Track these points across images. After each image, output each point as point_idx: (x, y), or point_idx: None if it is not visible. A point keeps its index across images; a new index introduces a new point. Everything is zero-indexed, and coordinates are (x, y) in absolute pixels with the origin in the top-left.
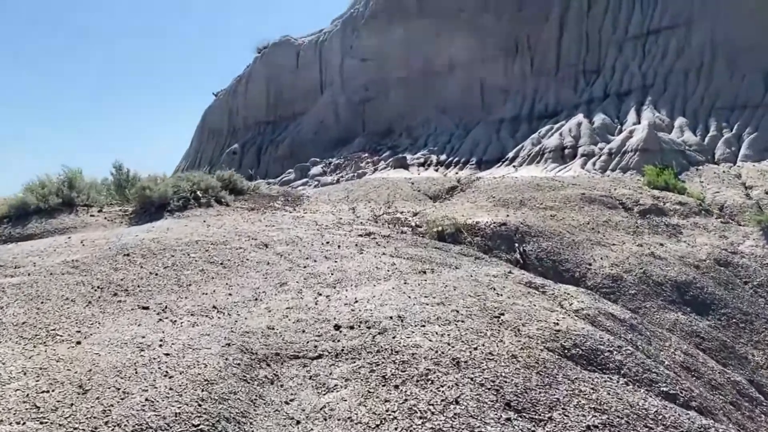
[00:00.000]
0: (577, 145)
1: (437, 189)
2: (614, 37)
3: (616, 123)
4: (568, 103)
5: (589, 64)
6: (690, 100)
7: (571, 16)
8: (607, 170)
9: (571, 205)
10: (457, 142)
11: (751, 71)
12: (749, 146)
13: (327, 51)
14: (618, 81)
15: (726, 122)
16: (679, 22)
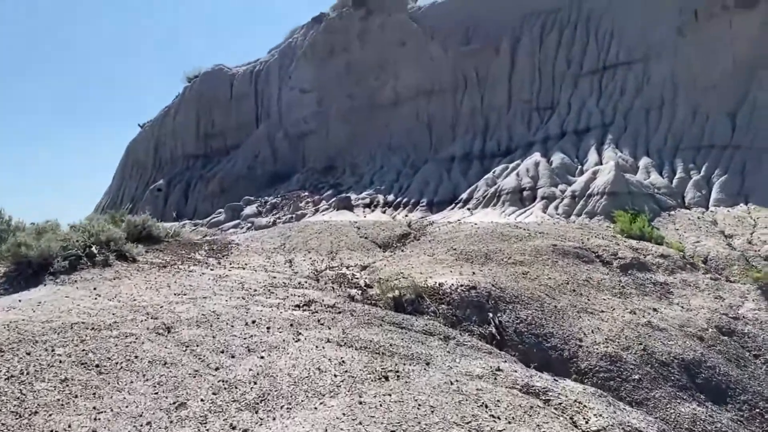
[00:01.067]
0: (536, 187)
1: (387, 235)
2: (569, 72)
3: (575, 162)
4: (522, 140)
5: (542, 100)
6: (653, 140)
7: (522, 50)
8: (571, 215)
9: (543, 260)
10: (406, 181)
11: (714, 111)
12: (720, 189)
13: (263, 81)
14: (575, 118)
15: (693, 163)
16: (637, 58)
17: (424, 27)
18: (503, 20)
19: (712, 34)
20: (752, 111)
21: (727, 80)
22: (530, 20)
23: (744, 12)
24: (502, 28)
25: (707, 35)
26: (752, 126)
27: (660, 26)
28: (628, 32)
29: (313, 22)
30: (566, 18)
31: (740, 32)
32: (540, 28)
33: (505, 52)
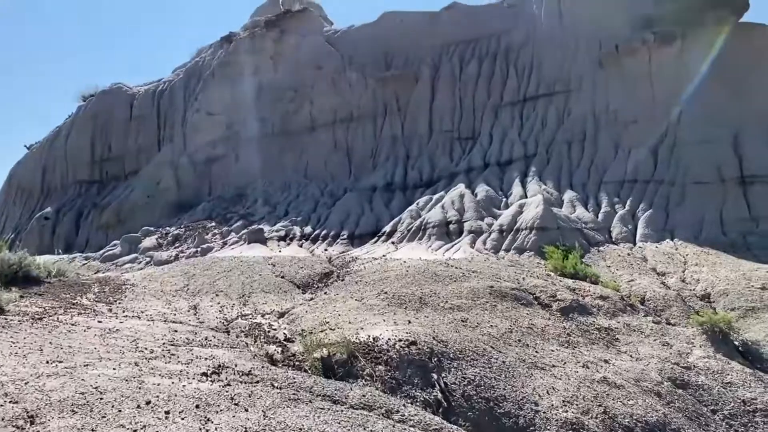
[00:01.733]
0: (463, 220)
1: (306, 274)
2: (489, 102)
3: (500, 195)
4: (445, 170)
5: (464, 130)
6: (576, 173)
7: (442, 79)
8: (500, 250)
9: (482, 303)
10: (324, 212)
11: (636, 145)
12: (646, 224)
13: (167, 102)
14: (497, 149)
15: (617, 197)
16: (558, 90)
17: (341, 51)
18: (422, 48)
19: (633, 69)
20: (673, 146)
21: (648, 115)
22: (449, 50)
23: (663, 48)
24: (422, 56)
25: (628, 70)
26: (673, 161)
27: (580, 59)
28: (548, 64)
29: (223, 41)
30: (485, 49)
31: (660, 68)
32: (459, 57)
33: (425, 81)
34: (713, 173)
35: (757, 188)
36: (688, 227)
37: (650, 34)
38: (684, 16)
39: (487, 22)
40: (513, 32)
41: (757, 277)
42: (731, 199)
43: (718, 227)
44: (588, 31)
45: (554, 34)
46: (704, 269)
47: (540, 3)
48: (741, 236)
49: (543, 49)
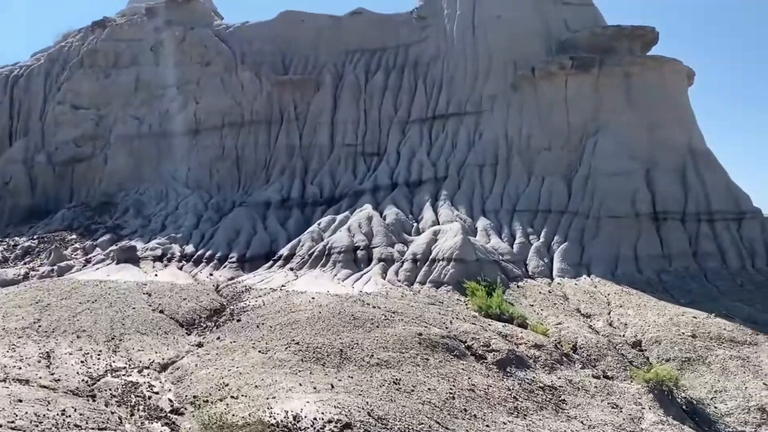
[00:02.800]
0: (371, 246)
1: (192, 309)
2: (396, 117)
3: (411, 219)
4: (348, 188)
5: (369, 145)
6: (489, 199)
7: (346, 88)
8: (414, 282)
9: (412, 357)
10: (209, 228)
11: (550, 173)
12: (562, 258)
13: (23, 90)
14: (405, 169)
15: (531, 227)
16: (469, 111)
17: (233, 48)
18: (325, 53)
19: (548, 94)
20: (587, 177)
21: (562, 143)
22: (354, 57)
23: (580, 74)
24: (324, 62)
25: (543, 94)
26: (588, 192)
27: (493, 80)
28: (459, 82)
29: (95, 26)
30: (392, 60)
31: (576, 95)
32: (364, 67)
33: (327, 88)
34: (628, 208)
35: (670, 225)
36: (604, 263)
37: (568, 59)
38: (598, 45)
39: (395, 32)
40: (422, 45)
41: (684, 323)
42: (645, 235)
43: (633, 264)
44: (502, 50)
45: (467, 50)
46: (630, 312)
47: (452, 17)
48: (656, 274)
49: (454, 65)
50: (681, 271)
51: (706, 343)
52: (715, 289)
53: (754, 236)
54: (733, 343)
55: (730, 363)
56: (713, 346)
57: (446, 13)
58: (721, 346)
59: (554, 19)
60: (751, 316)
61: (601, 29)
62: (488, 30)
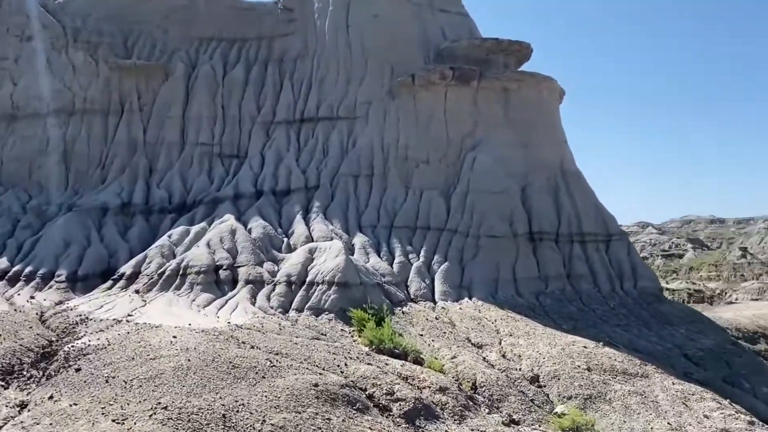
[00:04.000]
0: (236, 264)
1: (9, 350)
2: (260, 117)
3: (280, 233)
4: (203, 193)
5: (227, 145)
6: (365, 213)
7: (201, 79)
8: (290, 308)
9: (311, 418)
10: (28, 237)
11: (429, 187)
12: (444, 279)
13: None
14: (272, 175)
15: (410, 245)
16: (341, 116)
17: (63, 23)
18: (176, 38)
19: (428, 104)
20: (466, 193)
21: (441, 156)
22: (209, 46)
23: (461, 86)
24: (175, 48)
25: (423, 104)
26: (467, 210)
27: (369, 84)
28: (330, 84)
29: None
30: (254, 53)
31: (456, 107)
32: (222, 57)
33: (179, 79)
34: (506, 227)
35: (545, 246)
36: (484, 285)
37: (449, 70)
38: (475, 57)
39: (258, 23)
40: (288, 39)
41: (577, 353)
42: (522, 256)
43: (512, 286)
44: (379, 54)
45: (339, 50)
46: (521, 341)
47: (324, 12)
48: (534, 297)
49: (325, 65)
50: (558, 293)
51: (602, 377)
52: (593, 313)
53: (621, 258)
54: (626, 375)
55: (630, 399)
56: (609, 380)
57: (317, 7)
58: (616, 379)
59: (432, 26)
60: (632, 343)
61: (480, 41)
62: (364, 30)
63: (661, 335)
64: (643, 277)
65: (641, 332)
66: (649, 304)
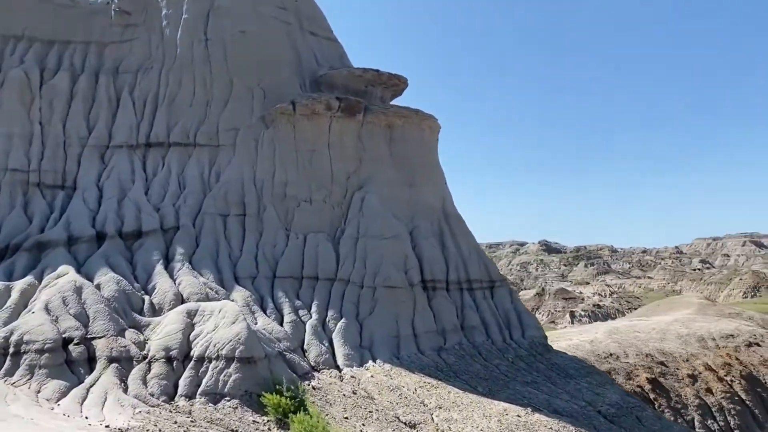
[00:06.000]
0: (90, 336)
1: None
2: (92, 138)
3: (138, 289)
4: (18, 234)
5: (48, 173)
6: (241, 261)
7: (9, 87)
8: (175, 395)
9: None
10: None
11: (312, 230)
12: (343, 340)
13: None
14: (115, 213)
15: (298, 298)
16: (199, 142)
17: None
18: None
19: (309, 136)
20: (356, 238)
21: (325, 195)
22: (18, 46)
23: (347, 118)
24: None
25: (303, 136)
26: (358, 256)
27: (235, 109)
28: (184, 104)
29: None
30: (80, 59)
31: (340, 141)
32: (37, 61)
33: None
34: (401, 276)
35: (439, 295)
36: (386, 344)
37: (336, 100)
38: (353, 87)
39: (84, 24)
40: (126, 47)
41: (515, 425)
42: (420, 308)
43: (413, 342)
44: (248, 74)
45: (196, 66)
46: (454, 415)
47: (174, 19)
48: (436, 354)
49: (176, 81)
50: (457, 348)
51: None
52: (497, 370)
53: (506, 306)
54: None
55: None
56: None
57: (164, 14)
58: None
59: (304, 49)
60: (550, 404)
61: (361, 71)
62: (229, 47)
63: (569, 391)
64: (530, 327)
65: (551, 390)
66: (541, 354)
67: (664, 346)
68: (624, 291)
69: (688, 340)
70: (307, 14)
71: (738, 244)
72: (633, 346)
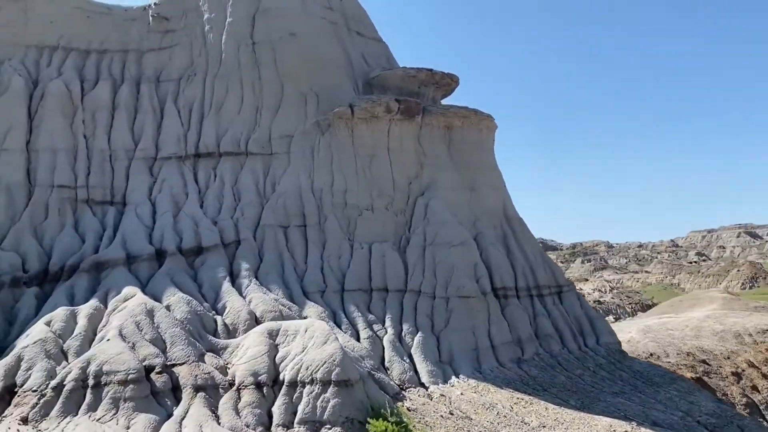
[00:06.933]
0: (170, 363)
1: None
2: (138, 150)
3: (207, 309)
4: (72, 255)
5: (97, 189)
6: (307, 275)
7: (50, 100)
8: (271, 425)
9: None
10: None
11: (376, 239)
12: (423, 356)
13: None
14: (172, 228)
15: (370, 311)
16: (251, 151)
17: None
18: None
19: (367, 141)
20: (423, 246)
21: (387, 203)
22: (54, 56)
23: (405, 122)
24: (2, 58)
25: (362, 141)
26: (428, 266)
27: (288, 114)
28: (232, 112)
29: None
30: (119, 68)
31: (400, 145)
32: (76, 71)
33: (15, 99)
34: (474, 285)
35: (511, 304)
36: (466, 357)
37: (395, 102)
38: (406, 88)
39: (120, 31)
40: (166, 54)
41: None
42: (495, 318)
43: (492, 356)
44: (299, 78)
45: (244, 72)
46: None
47: (217, 24)
48: (516, 366)
49: (224, 88)
50: (536, 360)
51: None
52: (581, 381)
53: (576, 311)
54: None
55: None
56: None
57: (206, 18)
58: None
59: (352, 50)
60: (648, 416)
61: (415, 71)
62: (277, 49)
63: (660, 401)
64: (603, 332)
65: (643, 400)
66: (620, 361)
67: (702, 344)
68: (623, 286)
69: (724, 337)
70: (353, 14)
71: (733, 236)
72: (671, 345)
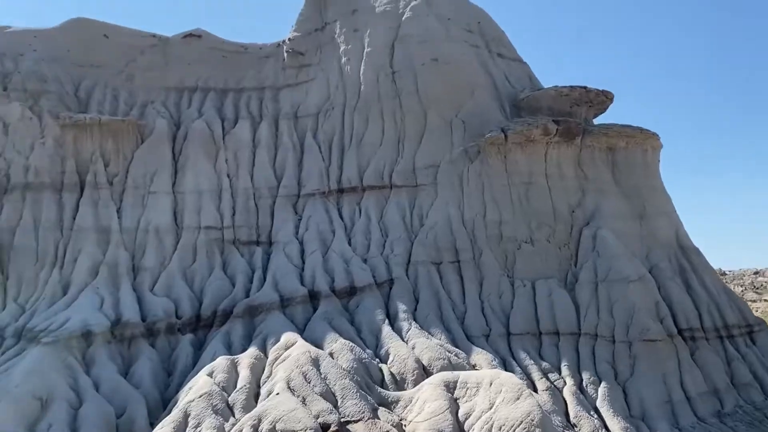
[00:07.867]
0: (344, 419)
1: None
2: (282, 188)
3: (371, 356)
4: (224, 299)
5: (243, 229)
6: (468, 316)
7: (193, 141)
8: None
9: None
10: None
11: (539, 275)
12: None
13: None
14: (321, 268)
15: (541, 358)
16: (396, 183)
17: None
18: (144, 88)
19: (522, 167)
20: (594, 281)
21: (547, 234)
22: (193, 97)
23: (563, 144)
24: (146, 100)
25: (515, 167)
26: (602, 303)
27: (433, 143)
28: (373, 144)
29: None
30: (256, 106)
31: (557, 170)
32: (216, 111)
33: (160, 140)
34: (659, 327)
35: (700, 347)
36: (660, 412)
37: (553, 123)
38: (557, 108)
39: (255, 69)
40: (302, 89)
41: None
42: (686, 364)
43: (688, 409)
44: (443, 104)
45: (384, 101)
46: None
47: (354, 54)
48: (718, 420)
49: (363, 120)
50: (740, 413)
51: None
52: None
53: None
54: None
55: None
56: None
57: (343, 50)
58: None
59: (496, 72)
60: None
61: (568, 89)
62: (419, 76)
63: None
64: None
65: None
66: None
67: None
68: None
69: None
70: (493, 36)
71: None
72: None
